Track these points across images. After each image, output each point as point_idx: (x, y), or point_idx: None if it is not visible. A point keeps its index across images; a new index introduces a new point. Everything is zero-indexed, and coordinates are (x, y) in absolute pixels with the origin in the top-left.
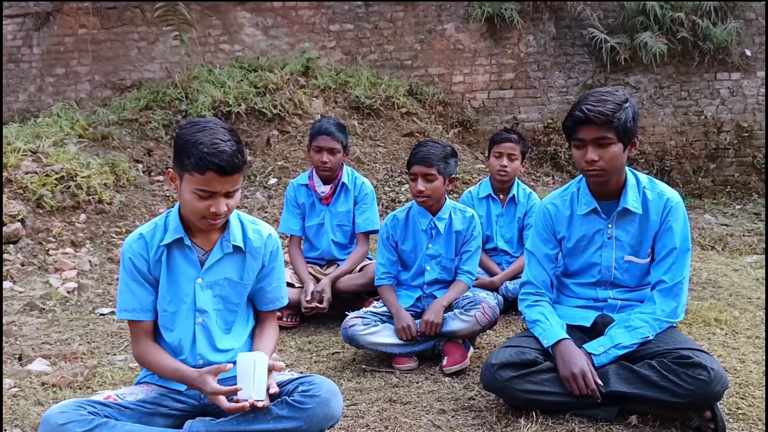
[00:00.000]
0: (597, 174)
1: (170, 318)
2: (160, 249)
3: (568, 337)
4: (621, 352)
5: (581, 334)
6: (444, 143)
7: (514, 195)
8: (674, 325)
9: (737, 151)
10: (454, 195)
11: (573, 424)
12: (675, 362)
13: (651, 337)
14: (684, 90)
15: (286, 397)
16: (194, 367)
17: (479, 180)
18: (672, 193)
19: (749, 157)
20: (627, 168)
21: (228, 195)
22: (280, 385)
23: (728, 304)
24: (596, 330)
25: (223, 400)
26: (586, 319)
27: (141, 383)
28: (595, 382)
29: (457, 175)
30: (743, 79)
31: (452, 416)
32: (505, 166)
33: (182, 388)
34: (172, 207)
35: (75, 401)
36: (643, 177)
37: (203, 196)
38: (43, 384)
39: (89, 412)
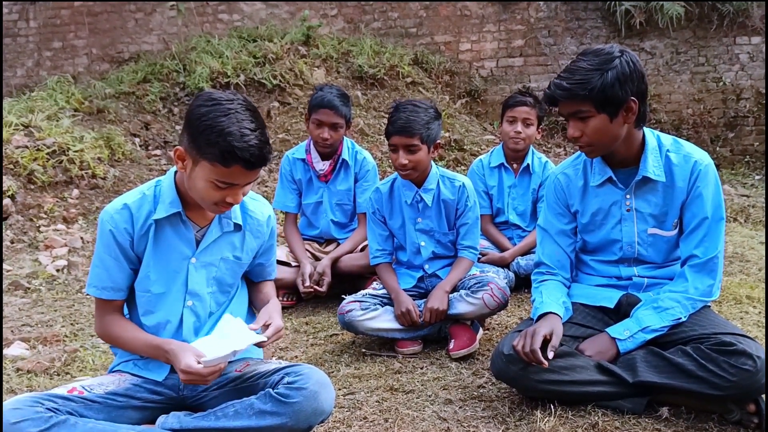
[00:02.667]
0: (586, 149)
1: (154, 300)
2: (148, 223)
3: (554, 311)
4: (650, 336)
5: (604, 316)
6: (425, 105)
7: (528, 164)
8: (708, 305)
9: (757, 119)
10: (462, 167)
11: (596, 417)
12: (714, 349)
13: (684, 319)
14: (702, 55)
15: (270, 390)
16: None
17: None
18: (701, 155)
19: None
20: (648, 129)
21: (246, 183)
22: (263, 375)
23: (759, 279)
24: (621, 311)
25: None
26: (610, 299)
27: (114, 372)
28: (545, 352)
29: (441, 141)
30: (764, 43)
31: (459, 407)
32: (520, 133)
33: (160, 378)
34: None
35: (32, 396)
36: (667, 138)
37: (221, 187)
38: (17, 370)
39: (47, 408)
